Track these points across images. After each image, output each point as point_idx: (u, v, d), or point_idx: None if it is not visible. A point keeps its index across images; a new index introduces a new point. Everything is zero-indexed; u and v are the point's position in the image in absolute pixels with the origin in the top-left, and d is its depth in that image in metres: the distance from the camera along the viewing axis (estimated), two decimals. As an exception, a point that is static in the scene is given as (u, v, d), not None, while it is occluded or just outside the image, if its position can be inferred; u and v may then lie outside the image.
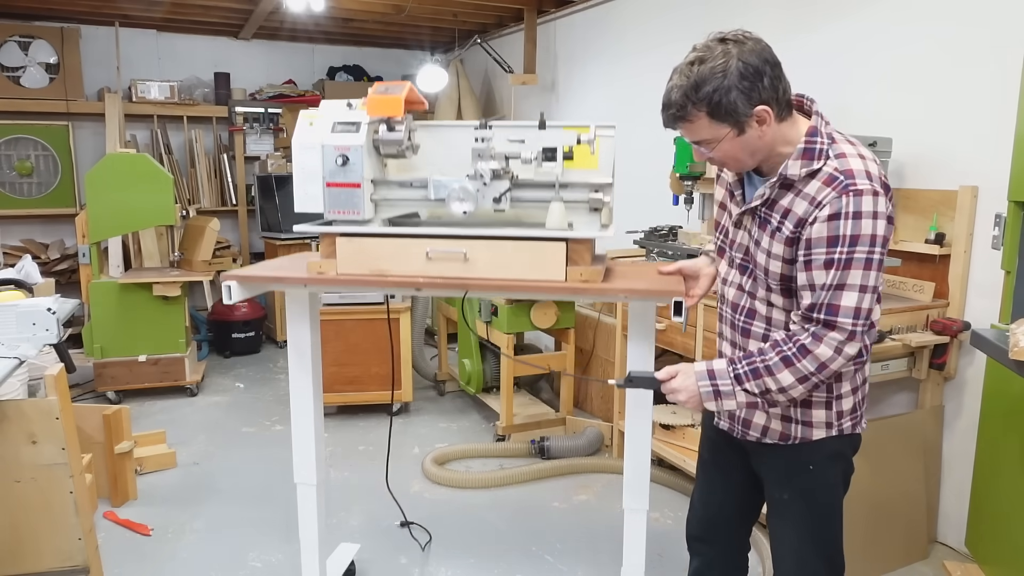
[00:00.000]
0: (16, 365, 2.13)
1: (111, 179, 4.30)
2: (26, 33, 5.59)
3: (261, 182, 6.04)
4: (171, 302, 4.51)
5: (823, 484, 1.72)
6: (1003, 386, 2.42)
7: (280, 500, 3.25)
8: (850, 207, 1.43)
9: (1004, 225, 2.49)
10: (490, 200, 1.96)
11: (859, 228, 1.43)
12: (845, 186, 1.45)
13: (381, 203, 2.08)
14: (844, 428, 1.68)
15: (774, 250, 1.56)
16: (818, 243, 1.47)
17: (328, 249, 1.98)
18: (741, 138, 1.50)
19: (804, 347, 1.49)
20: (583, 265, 1.88)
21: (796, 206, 1.51)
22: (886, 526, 2.75)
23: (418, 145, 2.11)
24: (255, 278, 2.07)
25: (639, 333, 2.03)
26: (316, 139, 1.96)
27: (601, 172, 2.04)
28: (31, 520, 2.25)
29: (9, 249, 5.62)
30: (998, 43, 2.65)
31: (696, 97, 1.47)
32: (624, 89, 4.72)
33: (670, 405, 3.52)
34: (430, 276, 1.93)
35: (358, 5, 5.33)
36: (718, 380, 1.57)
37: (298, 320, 2.24)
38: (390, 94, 1.95)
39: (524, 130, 2.06)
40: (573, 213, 2.01)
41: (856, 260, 1.45)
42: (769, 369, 1.52)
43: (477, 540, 3.01)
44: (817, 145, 1.50)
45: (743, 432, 1.76)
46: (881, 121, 3.05)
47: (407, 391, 4.35)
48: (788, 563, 1.77)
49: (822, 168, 1.49)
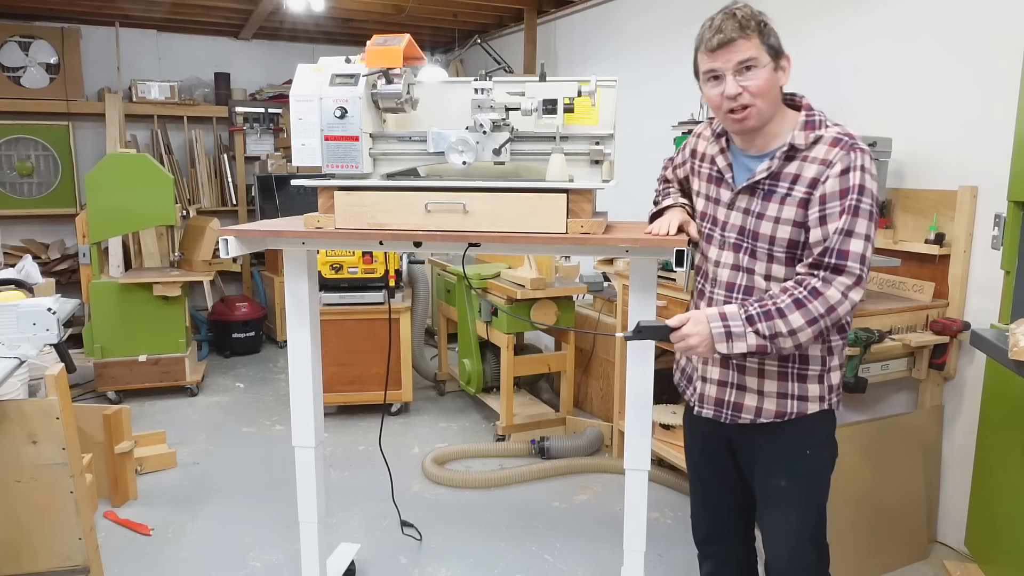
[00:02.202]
0: (16, 365, 2.13)
1: (111, 179, 4.30)
2: (26, 33, 5.60)
3: (261, 182, 6.04)
4: (171, 302, 4.51)
5: (819, 469, 1.78)
6: (1003, 386, 2.42)
7: (280, 500, 3.25)
8: (858, 161, 1.59)
9: (1004, 225, 2.49)
10: (490, 152, 1.93)
11: (865, 180, 1.59)
12: (851, 144, 1.61)
13: (380, 158, 2.04)
14: (832, 403, 1.76)
15: (784, 215, 1.65)
16: (832, 197, 1.59)
17: (326, 203, 1.96)
18: (773, 75, 1.64)
19: (815, 289, 1.57)
20: (584, 217, 1.86)
21: (806, 170, 1.63)
22: (886, 526, 2.75)
23: (417, 100, 2.08)
24: (253, 232, 2.05)
25: (641, 284, 2.00)
26: (314, 91, 1.93)
27: (602, 126, 2.01)
28: (31, 520, 2.26)
29: (9, 249, 5.62)
30: (998, 43, 2.65)
31: (756, 20, 1.63)
32: (624, 89, 4.71)
33: (670, 405, 3.53)
34: (429, 229, 1.91)
35: (358, 5, 5.34)
36: (730, 321, 1.59)
37: (296, 276, 2.19)
38: (389, 45, 1.92)
39: (524, 84, 2.03)
40: (574, 166, 1.96)
41: (863, 210, 1.58)
42: (781, 311, 1.57)
43: (477, 540, 3.01)
44: (816, 116, 1.67)
45: (733, 416, 1.76)
46: (881, 121, 3.05)
47: (407, 391, 4.35)
48: (783, 552, 1.79)
49: (824, 134, 1.64)
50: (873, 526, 2.72)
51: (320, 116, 1.94)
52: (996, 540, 2.46)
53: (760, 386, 1.73)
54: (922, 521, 2.85)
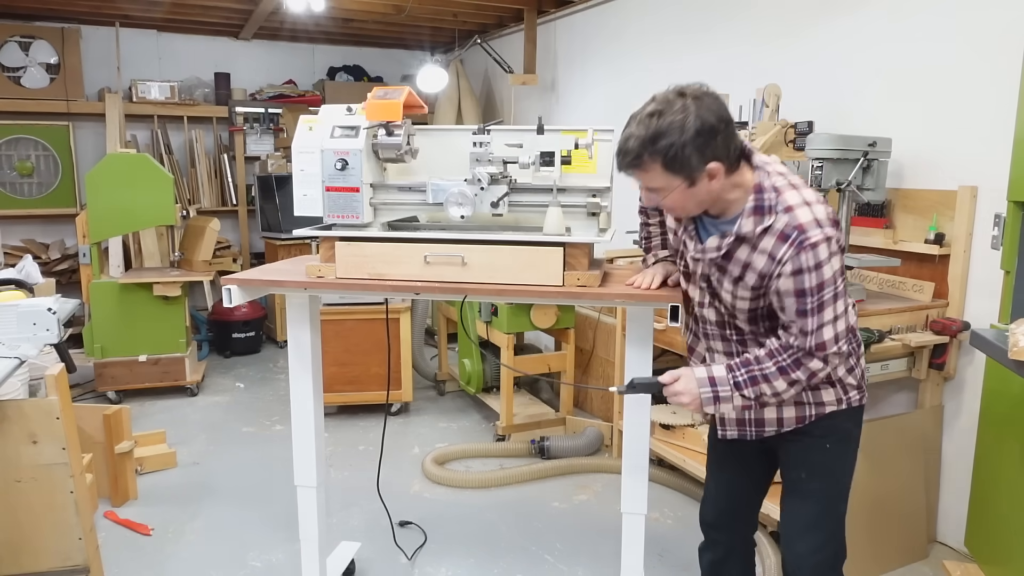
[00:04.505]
0: (17, 365, 2.13)
1: (111, 179, 4.30)
2: (27, 33, 5.60)
3: (261, 182, 6.04)
4: (171, 302, 4.51)
5: (839, 462, 1.82)
6: (1003, 386, 2.42)
7: (280, 500, 3.25)
8: (810, 261, 1.53)
9: (1003, 225, 2.49)
10: (488, 204, 1.97)
11: (822, 276, 1.54)
12: (800, 242, 1.53)
13: (380, 207, 2.10)
14: (852, 401, 1.79)
15: (739, 293, 1.67)
16: (787, 295, 1.58)
17: (327, 253, 1.99)
18: (691, 189, 1.57)
19: (798, 360, 1.62)
20: (580, 270, 1.89)
21: (755, 260, 1.60)
22: (886, 526, 2.75)
23: (417, 149, 2.12)
24: (255, 282, 2.08)
25: (638, 336, 2.04)
26: (315, 143, 1.98)
27: (599, 176, 2.05)
28: (32, 520, 2.26)
29: (10, 249, 5.62)
30: (998, 43, 2.65)
31: (653, 148, 1.52)
32: (624, 89, 4.72)
33: (670, 405, 3.52)
34: (428, 280, 1.95)
35: (358, 5, 5.34)
36: (719, 387, 1.66)
37: (298, 322, 2.24)
38: (389, 99, 1.97)
39: (522, 134, 2.07)
40: (571, 218, 2.03)
41: (826, 301, 1.57)
42: (767, 378, 1.63)
43: (477, 540, 3.01)
44: (765, 201, 1.58)
45: (758, 432, 1.82)
46: (881, 121, 3.05)
47: (407, 391, 4.35)
48: (801, 542, 1.84)
49: (773, 224, 1.57)
50: (873, 526, 2.72)
51: (321, 168, 1.97)
52: (996, 540, 2.46)
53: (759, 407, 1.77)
54: (922, 521, 2.86)
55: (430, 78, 5.74)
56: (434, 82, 5.77)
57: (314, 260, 2.06)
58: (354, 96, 4.17)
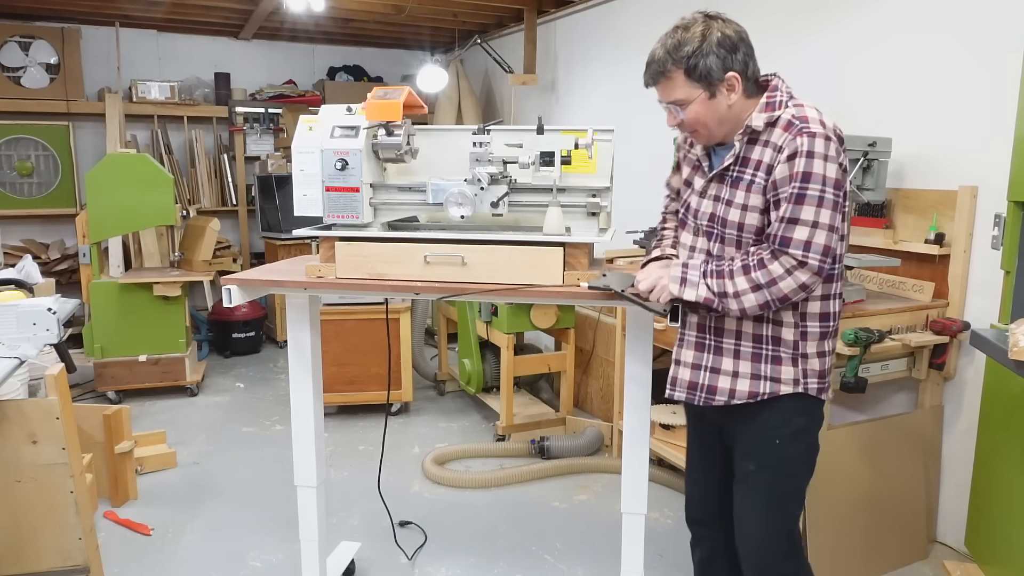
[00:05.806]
0: (16, 365, 2.13)
1: (111, 179, 4.30)
2: (27, 33, 5.60)
3: (261, 182, 6.04)
4: (171, 302, 4.51)
5: (787, 459, 1.79)
6: (1003, 386, 2.42)
7: (280, 500, 3.25)
8: (804, 147, 1.58)
9: (1004, 225, 2.49)
10: (488, 204, 1.98)
11: (811, 167, 1.57)
12: (799, 129, 1.59)
13: (380, 207, 2.10)
14: (810, 388, 1.75)
15: (751, 202, 1.67)
16: (781, 183, 1.61)
17: (327, 253, 1.99)
18: (711, 102, 1.65)
19: (761, 260, 1.64)
20: (580, 269, 1.89)
21: (765, 156, 1.65)
22: (886, 526, 2.75)
23: (417, 149, 2.12)
24: (255, 282, 2.08)
25: (638, 336, 2.04)
26: (315, 143, 1.98)
27: (599, 176, 2.05)
28: (31, 520, 2.26)
29: (9, 249, 5.62)
30: (998, 43, 2.65)
31: (676, 56, 1.63)
32: (624, 89, 4.72)
33: (670, 405, 3.52)
34: (428, 280, 1.95)
35: (358, 5, 5.33)
36: (688, 270, 1.71)
37: (298, 322, 2.24)
38: (389, 99, 1.97)
39: (522, 134, 2.07)
40: (571, 218, 2.03)
41: (809, 197, 1.58)
42: (731, 272, 1.66)
43: (477, 540, 3.01)
44: (777, 98, 1.67)
45: (707, 399, 1.79)
46: (881, 121, 3.05)
47: (407, 391, 4.35)
48: (751, 532, 1.84)
49: (780, 116, 1.64)
50: (873, 526, 2.72)
51: (321, 168, 1.97)
52: (996, 540, 2.46)
53: (735, 367, 1.76)
54: (922, 521, 2.86)
55: (430, 78, 5.74)
56: (434, 82, 5.77)
57: (314, 260, 2.06)
58: (354, 96, 4.18)
